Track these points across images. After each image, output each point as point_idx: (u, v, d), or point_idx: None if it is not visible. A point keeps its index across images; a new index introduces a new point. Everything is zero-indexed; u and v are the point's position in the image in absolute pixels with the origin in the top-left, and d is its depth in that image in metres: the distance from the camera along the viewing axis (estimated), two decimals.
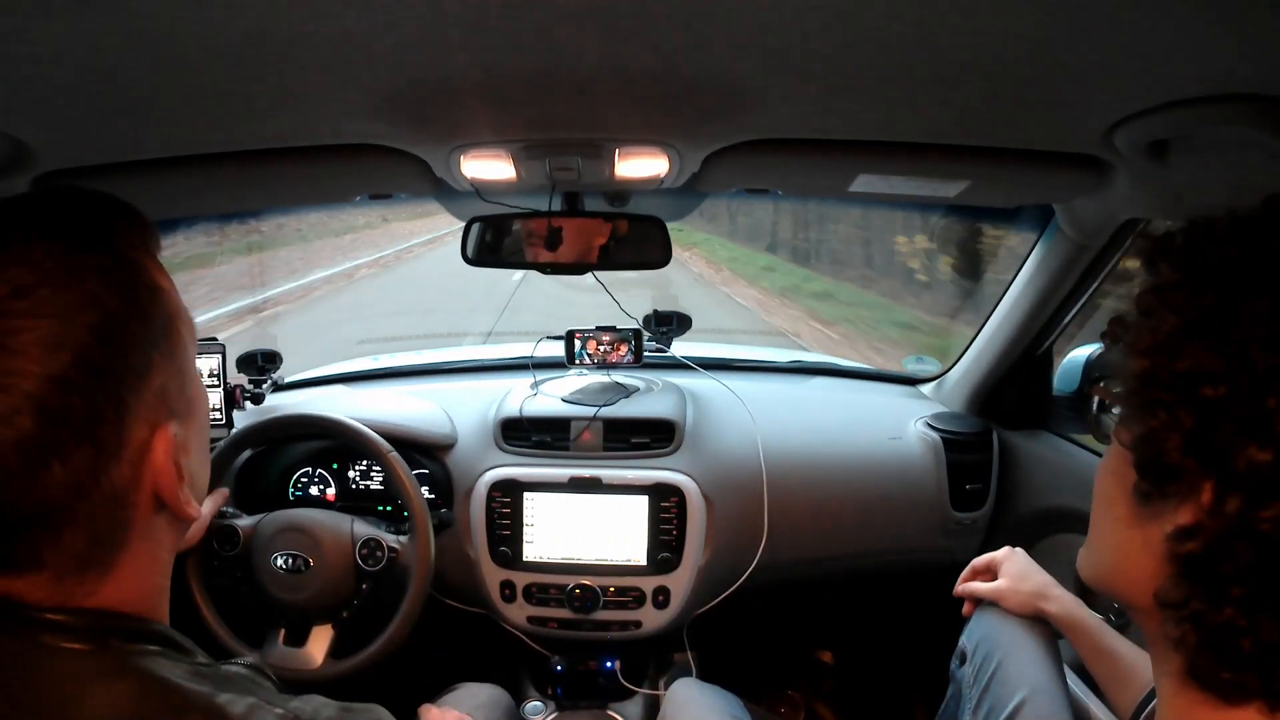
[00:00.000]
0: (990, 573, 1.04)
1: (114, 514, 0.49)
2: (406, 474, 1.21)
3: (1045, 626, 0.96)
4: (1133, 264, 1.20)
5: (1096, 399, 0.63)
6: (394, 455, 1.22)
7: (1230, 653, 0.45)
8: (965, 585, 1.05)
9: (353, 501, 1.45)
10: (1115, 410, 0.55)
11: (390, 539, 1.20)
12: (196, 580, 1.19)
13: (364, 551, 1.19)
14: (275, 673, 1.10)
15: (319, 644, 1.19)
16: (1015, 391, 1.50)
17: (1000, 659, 0.94)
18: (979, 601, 1.02)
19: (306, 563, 1.16)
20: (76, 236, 0.48)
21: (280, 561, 1.16)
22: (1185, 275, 0.48)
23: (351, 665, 1.17)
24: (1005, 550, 1.04)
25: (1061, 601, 0.96)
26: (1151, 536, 0.49)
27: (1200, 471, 0.45)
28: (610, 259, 1.20)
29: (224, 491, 1.23)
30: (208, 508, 1.14)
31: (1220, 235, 0.48)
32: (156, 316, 0.50)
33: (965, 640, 1.01)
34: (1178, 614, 0.47)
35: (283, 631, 1.20)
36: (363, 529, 1.21)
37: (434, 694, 1.21)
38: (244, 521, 1.20)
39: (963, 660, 1.00)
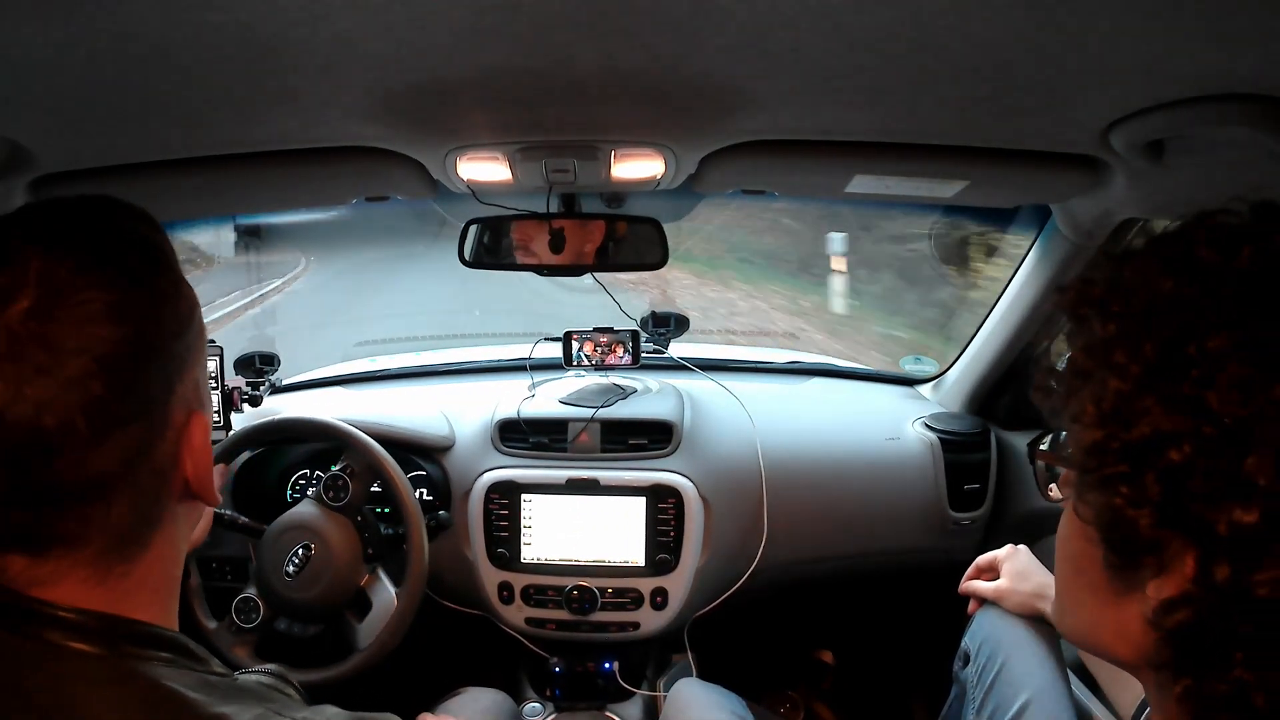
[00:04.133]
0: (993, 571, 1.04)
1: (155, 492, 0.51)
2: (372, 444, 1.23)
3: (1048, 627, 0.96)
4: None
5: (1041, 466, 0.60)
6: (348, 428, 1.24)
7: (1244, 709, 0.41)
8: (968, 584, 1.05)
9: None
10: (1058, 470, 0.52)
11: (337, 468, 1.24)
12: (255, 660, 1.19)
13: (329, 494, 1.22)
14: (384, 638, 1.17)
15: (380, 588, 1.21)
16: (1013, 392, 1.50)
17: (1004, 660, 0.94)
18: (983, 600, 1.02)
19: (309, 548, 1.17)
20: (122, 234, 0.51)
21: (290, 567, 1.16)
22: (1119, 325, 0.44)
23: (414, 581, 1.19)
24: (1008, 548, 1.04)
25: None
26: (1131, 608, 0.45)
27: (1178, 541, 0.41)
28: (608, 260, 1.20)
29: (221, 468, 1.24)
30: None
31: (1148, 270, 0.44)
32: (196, 313, 0.54)
33: (968, 641, 1.01)
34: (1175, 673, 0.44)
35: (349, 614, 1.21)
36: (316, 489, 1.24)
37: (433, 697, 1.21)
38: (250, 591, 1.21)
39: (966, 661, 1.00)
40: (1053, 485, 0.57)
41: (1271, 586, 0.39)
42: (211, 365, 1.40)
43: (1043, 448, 0.58)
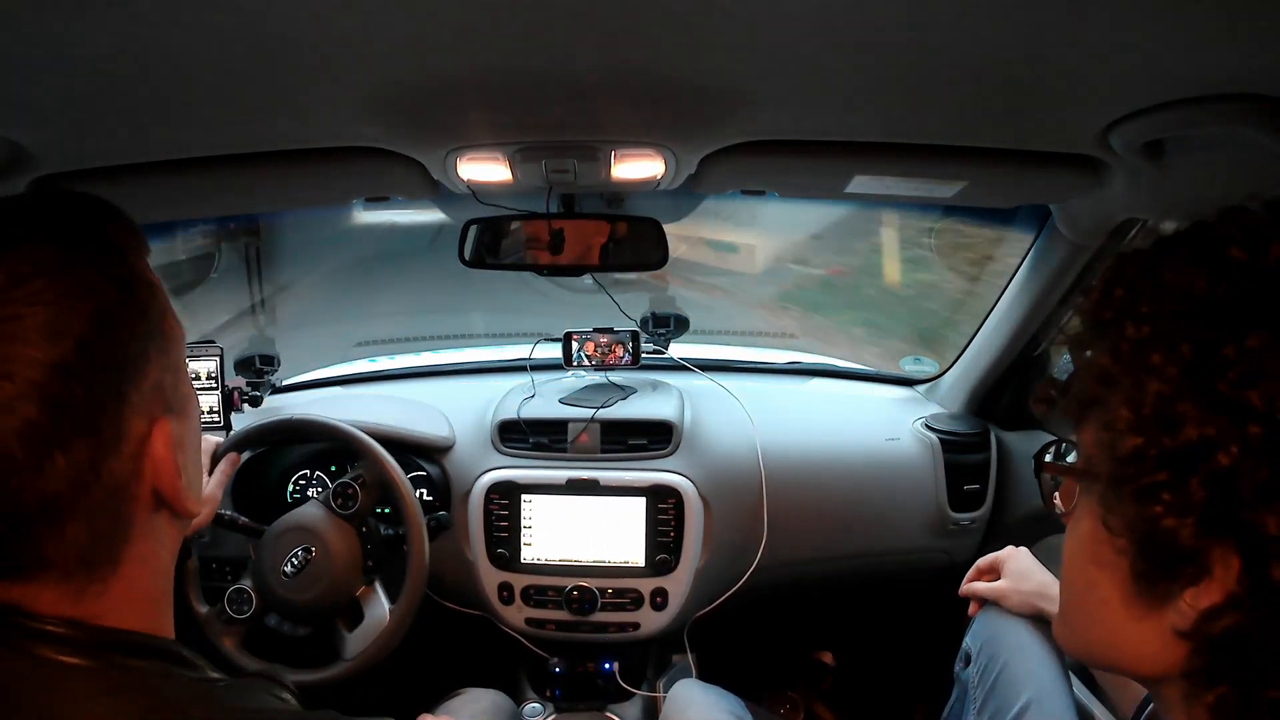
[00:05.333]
0: (994, 572, 1.04)
1: (115, 508, 0.48)
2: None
3: (1049, 627, 0.96)
4: None
5: (1047, 477, 0.58)
6: (363, 437, 1.23)
7: None
8: (969, 585, 1.05)
9: None
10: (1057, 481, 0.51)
11: (350, 473, 1.24)
12: (241, 651, 1.19)
13: (338, 501, 1.21)
14: (370, 652, 1.15)
15: (375, 602, 1.20)
16: (1013, 392, 1.50)
17: (1005, 660, 0.94)
18: (984, 601, 1.02)
19: (309, 551, 1.17)
20: (72, 233, 0.48)
21: (288, 569, 1.16)
22: (1153, 327, 0.43)
23: (409, 599, 1.18)
24: (1009, 550, 1.04)
25: None
26: (1160, 619, 0.44)
27: (1221, 547, 0.40)
28: (608, 261, 1.20)
29: (234, 456, 1.20)
30: (217, 479, 1.14)
31: (1178, 271, 0.43)
32: (152, 311, 0.51)
33: (969, 642, 1.01)
34: (1208, 682, 0.43)
35: (340, 621, 1.20)
36: (325, 493, 1.23)
37: (433, 697, 1.21)
38: (244, 583, 1.21)
39: (967, 662, 1.00)
40: (1056, 495, 0.55)
41: None
42: (211, 365, 1.40)
43: (1048, 459, 0.56)
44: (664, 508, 1.33)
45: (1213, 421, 0.39)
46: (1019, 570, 1.00)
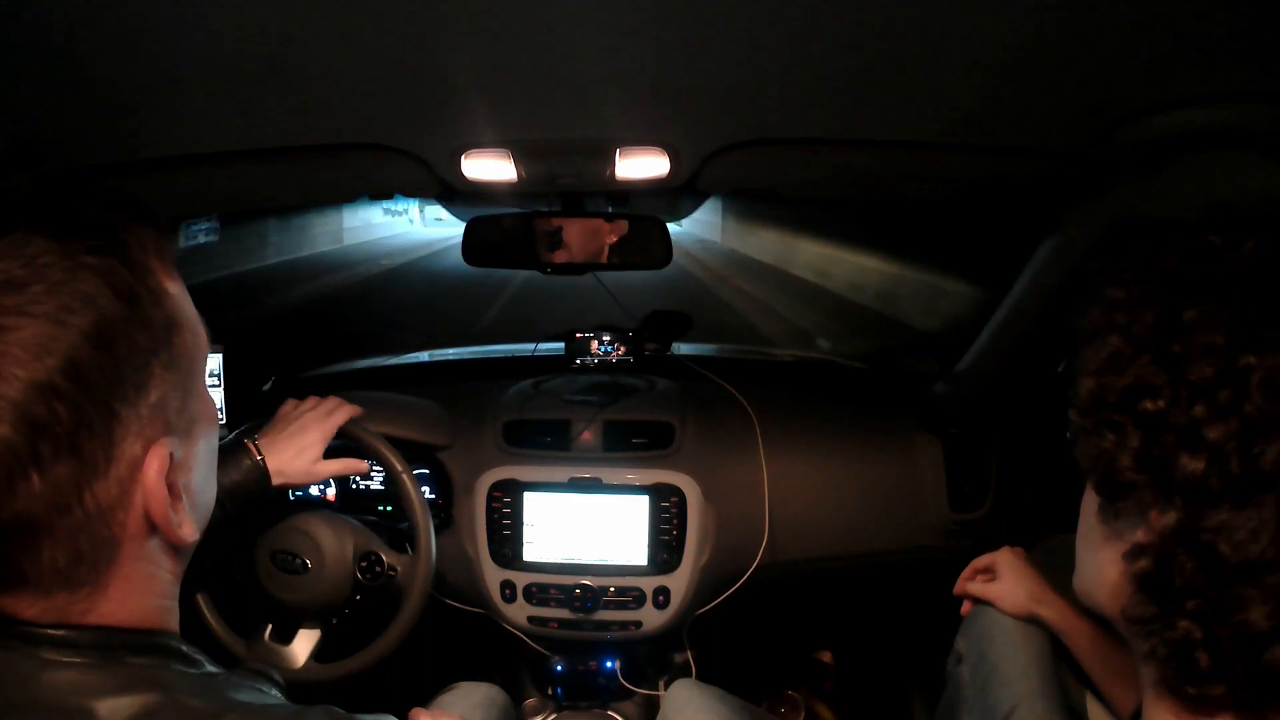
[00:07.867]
0: (990, 573, 1.04)
1: (98, 532, 0.46)
2: (417, 494, 1.16)
3: (1042, 629, 0.96)
4: None
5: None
6: (409, 475, 1.17)
7: (1190, 666, 0.45)
8: (963, 585, 1.05)
9: (353, 502, 1.44)
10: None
11: (392, 556, 1.17)
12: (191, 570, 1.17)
13: (363, 564, 1.16)
14: (254, 667, 1.09)
15: (304, 645, 1.17)
16: (1015, 392, 1.50)
17: (996, 660, 0.94)
18: (978, 601, 1.03)
19: (305, 564, 1.15)
20: (78, 234, 0.46)
21: (280, 559, 1.15)
22: (1127, 291, 0.49)
23: (332, 673, 1.14)
24: (1005, 550, 1.05)
25: (1056, 604, 0.96)
26: (1115, 555, 0.50)
27: (1149, 488, 0.46)
28: (611, 259, 1.21)
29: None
30: (335, 467, 1.12)
31: (1160, 247, 0.50)
32: (157, 323, 0.48)
33: (961, 640, 1.02)
34: (1144, 629, 0.48)
35: (270, 627, 1.18)
36: (365, 541, 1.18)
37: (431, 693, 1.21)
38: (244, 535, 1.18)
39: (959, 660, 1.00)
40: None
41: (1213, 534, 0.43)
42: (214, 363, 1.40)
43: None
44: (666, 506, 1.34)
45: (1154, 375, 0.45)
46: (1014, 572, 1.01)
